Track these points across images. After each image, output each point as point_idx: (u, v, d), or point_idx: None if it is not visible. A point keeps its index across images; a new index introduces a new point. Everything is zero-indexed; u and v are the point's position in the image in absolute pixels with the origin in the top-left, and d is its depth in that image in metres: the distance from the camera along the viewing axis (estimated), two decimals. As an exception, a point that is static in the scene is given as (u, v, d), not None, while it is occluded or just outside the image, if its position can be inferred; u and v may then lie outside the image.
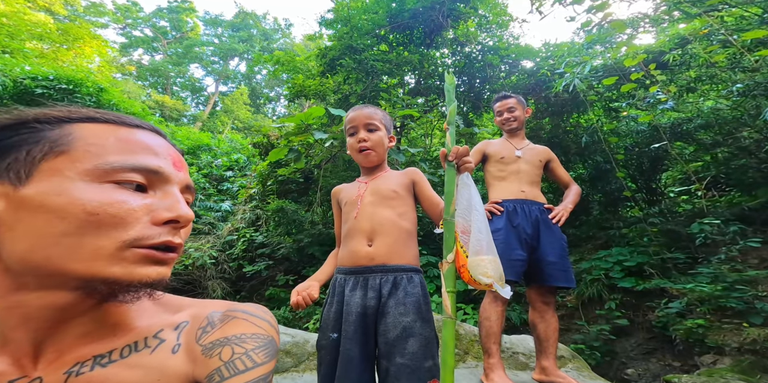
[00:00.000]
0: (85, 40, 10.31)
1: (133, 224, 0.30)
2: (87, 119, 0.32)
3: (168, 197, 0.33)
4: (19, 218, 0.28)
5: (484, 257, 0.71)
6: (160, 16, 20.96)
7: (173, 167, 0.34)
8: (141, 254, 0.30)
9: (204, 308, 0.38)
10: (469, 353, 1.93)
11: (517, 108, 1.72)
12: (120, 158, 0.30)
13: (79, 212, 0.28)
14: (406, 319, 0.82)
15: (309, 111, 2.52)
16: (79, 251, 0.28)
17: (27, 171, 0.29)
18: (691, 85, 2.99)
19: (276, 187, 3.73)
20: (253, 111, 19.29)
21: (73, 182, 0.29)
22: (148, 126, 0.36)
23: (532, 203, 1.60)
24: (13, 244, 0.28)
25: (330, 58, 3.98)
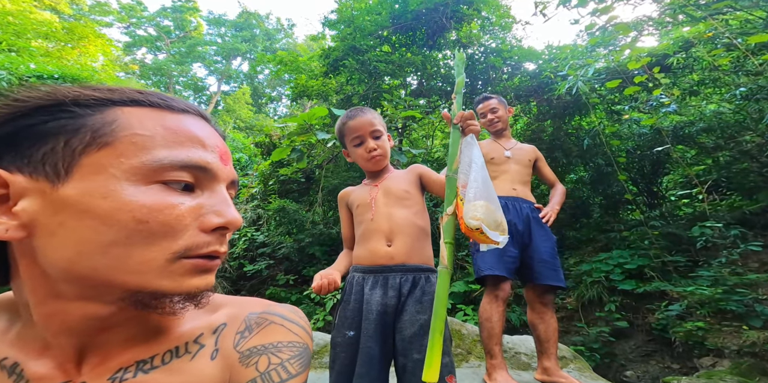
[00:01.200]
0: (90, 39, 10.36)
1: (183, 233, 0.28)
2: (131, 102, 0.29)
3: (215, 196, 0.31)
4: (60, 222, 0.26)
5: (475, 202, 0.72)
6: (164, 15, 21.04)
7: (221, 161, 0.32)
8: (190, 265, 0.29)
9: (241, 308, 0.38)
10: (472, 353, 1.94)
11: (499, 108, 1.70)
12: (168, 153, 0.28)
13: (128, 220, 0.26)
14: (423, 317, 0.85)
15: (312, 111, 2.54)
16: (128, 263, 0.26)
17: (66, 166, 0.26)
18: (694, 88, 2.99)
19: (277, 186, 3.74)
20: (254, 111, 19.34)
21: (119, 182, 0.26)
22: (194, 110, 0.33)
23: (523, 201, 1.61)
24: (55, 251, 0.26)
25: (333, 58, 4.00)
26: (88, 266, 0.26)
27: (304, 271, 3.86)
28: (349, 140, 1.03)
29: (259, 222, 4.07)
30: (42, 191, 0.26)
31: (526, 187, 1.66)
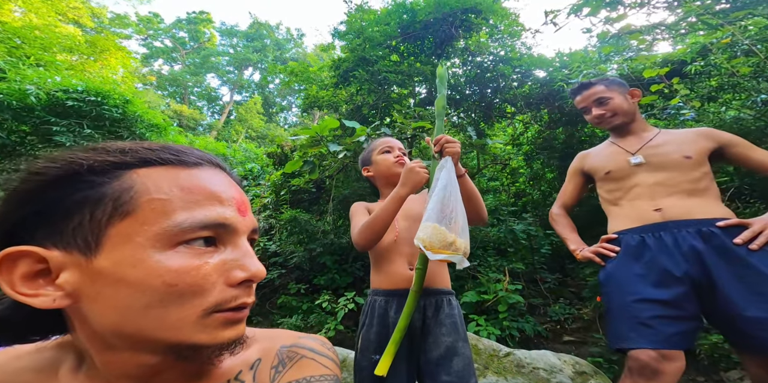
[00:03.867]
0: (111, 52, 10.79)
1: (211, 290, 0.30)
2: (144, 163, 0.30)
3: (237, 250, 0.32)
4: (98, 291, 0.28)
5: (425, 223, 0.76)
6: (179, 27, 21.84)
7: (239, 213, 0.33)
8: (222, 319, 0.31)
9: (272, 342, 0.40)
10: (489, 368, 1.89)
11: (610, 96, 1.17)
12: (188, 215, 0.29)
13: (159, 285, 0.28)
14: (449, 339, 0.87)
15: (324, 123, 2.57)
16: (166, 321, 0.28)
17: (96, 239, 0.28)
18: (713, 94, 2.90)
19: (289, 196, 3.79)
20: (265, 120, 19.73)
21: (145, 250, 0.28)
22: (207, 159, 0.34)
23: (683, 225, 0.98)
24: (100, 315, 0.28)
25: (343, 69, 4.06)
26: (132, 327, 0.28)
27: (315, 280, 3.87)
28: (378, 151, 1.09)
29: (271, 232, 4.11)
30: (78, 263, 0.28)
31: (690, 199, 1.02)
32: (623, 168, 1.14)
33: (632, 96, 1.21)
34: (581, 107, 1.25)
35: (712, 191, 1.06)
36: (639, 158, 1.12)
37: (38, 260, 0.28)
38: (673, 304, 0.94)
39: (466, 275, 3.40)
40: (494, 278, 3.18)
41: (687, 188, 1.04)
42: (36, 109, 3.73)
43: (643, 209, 1.06)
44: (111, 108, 3.98)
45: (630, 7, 2.39)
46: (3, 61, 4.32)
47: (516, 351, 1.93)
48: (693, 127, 3.18)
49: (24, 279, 0.28)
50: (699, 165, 1.06)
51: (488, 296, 3.08)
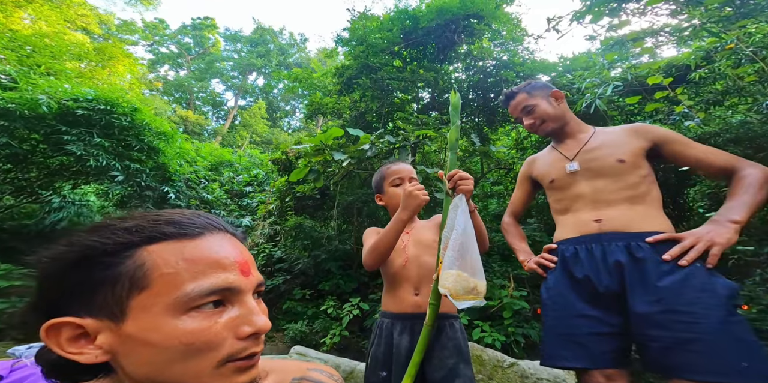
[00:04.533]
0: (119, 59, 10.98)
1: (222, 344, 0.34)
2: (150, 240, 0.35)
3: (244, 307, 0.37)
4: (130, 350, 0.33)
5: (451, 271, 0.78)
6: (185, 32, 22.15)
7: (242, 275, 0.37)
8: (234, 367, 0.35)
9: (284, 374, 0.44)
10: (494, 379, 1.89)
11: (534, 103, 1.13)
12: (194, 285, 0.34)
13: (178, 345, 0.33)
14: (451, 361, 0.90)
15: (329, 132, 2.60)
16: (187, 373, 0.34)
17: (120, 310, 0.33)
18: (718, 98, 2.89)
19: (293, 203, 3.82)
20: (269, 125, 19.90)
21: (162, 317, 0.33)
22: (210, 225, 0.38)
23: (616, 238, 0.94)
24: (134, 368, 0.34)
25: (347, 77, 4.10)
26: (161, 377, 0.34)
27: (320, 285, 3.89)
28: (389, 181, 1.11)
29: (277, 238, 4.14)
30: (110, 328, 0.34)
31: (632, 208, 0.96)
32: (563, 176, 1.08)
33: (555, 98, 1.14)
34: (514, 117, 1.21)
35: (653, 196, 0.99)
36: (574, 165, 1.06)
37: (77, 327, 0.33)
38: (604, 321, 0.90)
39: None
40: (499, 284, 3.18)
41: (626, 195, 0.98)
42: (47, 118, 3.81)
43: (583, 219, 1.01)
44: (120, 116, 4.05)
45: (632, 14, 2.39)
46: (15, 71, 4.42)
47: (520, 361, 1.93)
48: (698, 132, 3.17)
49: (69, 342, 0.33)
50: (635, 168, 0.99)
51: (493, 302, 3.07)
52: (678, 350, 0.79)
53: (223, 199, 5.66)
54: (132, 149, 4.14)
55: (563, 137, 1.15)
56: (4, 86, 3.95)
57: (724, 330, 0.77)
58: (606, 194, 1.00)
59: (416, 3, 4.93)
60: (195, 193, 5.17)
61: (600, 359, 0.88)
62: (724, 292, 0.81)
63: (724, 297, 0.81)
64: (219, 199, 5.55)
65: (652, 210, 0.98)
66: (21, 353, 0.68)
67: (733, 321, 0.78)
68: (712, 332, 0.77)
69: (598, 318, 0.91)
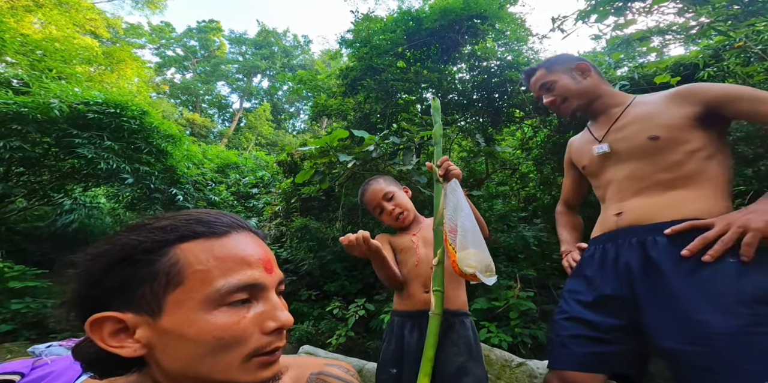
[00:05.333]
0: (127, 62, 11.12)
1: (249, 339, 0.37)
2: (183, 238, 0.37)
3: (268, 303, 0.39)
4: (166, 344, 0.36)
5: (469, 250, 0.78)
6: (190, 35, 22.43)
7: (266, 271, 0.40)
8: (259, 362, 0.38)
9: (302, 369, 0.47)
10: (501, 378, 1.89)
11: (554, 79, 0.98)
12: (225, 281, 0.36)
13: (210, 340, 0.35)
14: (461, 359, 0.90)
15: (334, 134, 2.62)
16: (217, 366, 0.36)
17: (157, 306, 0.36)
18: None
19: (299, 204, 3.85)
20: (274, 127, 20.03)
21: (196, 312, 0.35)
22: (234, 225, 0.41)
23: (629, 233, 0.81)
24: (169, 361, 0.36)
25: (351, 78, 4.12)
26: (192, 371, 0.36)
27: (326, 287, 3.91)
28: (371, 210, 1.14)
29: (282, 239, 4.18)
30: (148, 323, 0.36)
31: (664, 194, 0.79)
32: (593, 161, 0.93)
33: (581, 72, 0.96)
34: (536, 97, 1.08)
35: (708, 175, 0.77)
36: (603, 147, 0.90)
37: (118, 322, 0.36)
38: (599, 326, 0.80)
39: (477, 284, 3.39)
40: (505, 284, 3.16)
41: (664, 178, 0.79)
42: (59, 121, 3.89)
43: (608, 214, 0.88)
44: (129, 120, 4.12)
45: (638, 13, 2.37)
46: (27, 75, 4.52)
47: (529, 361, 1.92)
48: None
49: (111, 336, 0.36)
50: (676, 144, 0.79)
51: (499, 303, 3.06)
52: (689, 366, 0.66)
53: (229, 201, 5.73)
54: (141, 151, 4.20)
55: (596, 114, 0.97)
56: (16, 90, 4.04)
57: (744, 343, 0.62)
58: (637, 180, 0.83)
59: (419, 4, 4.95)
60: (202, 195, 5.23)
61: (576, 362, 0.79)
62: (751, 294, 0.64)
63: (751, 300, 0.64)
64: (226, 201, 5.62)
65: (700, 193, 0.76)
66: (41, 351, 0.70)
67: (757, 332, 0.62)
68: (728, 345, 0.63)
69: (592, 323, 0.81)
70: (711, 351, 0.64)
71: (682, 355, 0.67)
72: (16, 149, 3.61)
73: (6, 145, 3.52)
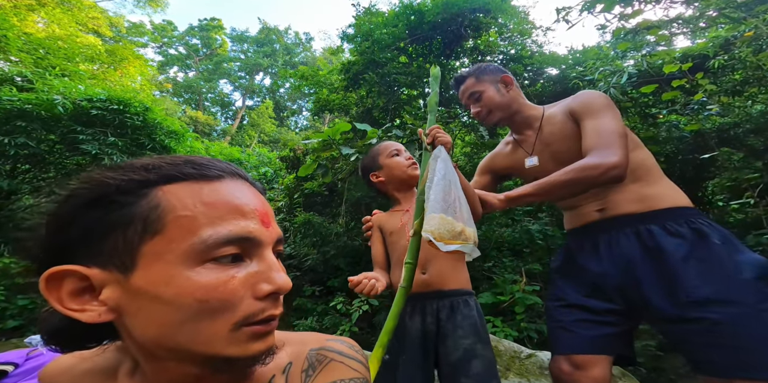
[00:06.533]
0: (130, 60, 11.17)
1: (239, 304, 0.31)
2: (167, 179, 0.31)
3: (263, 262, 0.33)
4: (138, 307, 0.29)
5: (431, 214, 0.74)
6: (192, 34, 22.43)
7: (262, 225, 0.34)
8: (250, 332, 0.32)
9: (302, 345, 0.41)
10: (511, 369, 1.87)
11: (481, 90, 1.02)
12: (212, 231, 0.30)
13: (192, 302, 0.29)
14: (467, 341, 0.86)
15: (336, 127, 2.60)
16: (199, 336, 0.30)
17: (130, 258, 0.29)
18: (737, 88, 2.80)
19: (302, 200, 3.84)
20: (277, 124, 20.05)
21: (175, 267, 0.29)
22: (230, 171, 0.35)
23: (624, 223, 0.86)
24: (141, 329, 0.30)
25: (353, 73, 4.09)
26: (170, 341, 0.30)
27: (329, 282, 3.91)
28: (386, 154, 1.06)
29: (286, 235, 4.18)
30: (117, 280, 0.30)
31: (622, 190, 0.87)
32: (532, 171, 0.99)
33: (505, 84, 1.02)
34: (464, 104, 1.10)
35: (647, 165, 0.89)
36: (533, 160, 0.98)
37: (82, 278, 0.29)
38: (598, 311, 0.86)
39: (481, 276, 3.37)
40: (510, 279, 3.14)
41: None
42: (63, 118, 3.90)
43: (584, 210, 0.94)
44: (132, 116, 4.13)
45: (646, 3, 2.32)
46: (30, 72, 4.54)
47: (538, 352, 1.90)
48: (717, 123, 3.07)
49: (71, 296, 0.30)
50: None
51: (504, 297, 3.04)
52: (701, 345, 0.71)
53: (232, 197, 5.70)
54: (144, 148, 4.21)
55: (518, 126, 1.04)
56: (20, 87, 4.06)
57: (754, 319, 0.68)
58: None
59: (422, -3, 4.89)
60: (205, 191, 5.23)
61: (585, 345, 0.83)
62: (751, 273, 0.71)
63: (753, 278, 0.70)
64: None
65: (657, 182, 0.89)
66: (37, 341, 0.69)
67: (764, 308, 0.68)
68: (738, 323, 0.68)
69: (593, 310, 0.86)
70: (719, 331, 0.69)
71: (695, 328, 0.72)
72: (21, 146, 3.63)
73: (11, 141, 3.53)
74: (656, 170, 0.91)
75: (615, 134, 0.82)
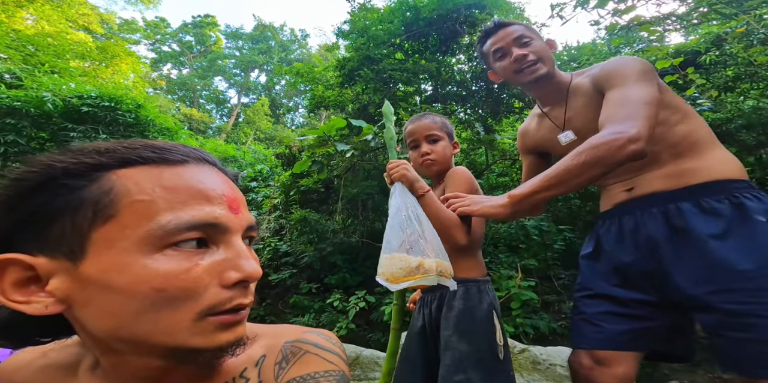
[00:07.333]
0: (121, 58, 11.01)
1: (203, 293, 0.29)
2: (123, 163, 0.29)
3: (231, 250, 0.31)
4: (89, 297, 0.28)
5: (384, 255, 0.73)
6: (186, 31, 22.14)
7: (230, 210, 0.32)
8: (217, 322, 0.30)
9: (277, 338, 0.39)
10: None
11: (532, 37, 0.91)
12: (172, 216, 0.28)
13: (148, 291, 0.27)
14: (446, 333, 0.86)
15: (331, 123, 2.59)
16: (159, 326, 0.28)
17: (79, 245, 0.27)
18: (729, 84, 2.82)
19: (298, 197, 3.83)
20: (273, 121, 19.92)
21: (130, 254, 0.27)
22: (195, 156, 0.33)
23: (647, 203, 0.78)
24: (94, 321, 0.28)
25: (348, 69, 4.07)
26: (126, 332, 0.28)
27: (326, 279, 3.91)
28: (407, 144, 1.03)
29: (282, 232, 4.17)
30: (66, 269, 0.28)
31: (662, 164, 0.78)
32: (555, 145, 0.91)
33: (549, 45, 0.94)
34: (495, 49, 0.92)
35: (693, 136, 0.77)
36: (569, 135, 0.88)
37: (26, 268, 0.28)
38: (626, 302, 0.78)
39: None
40: (506, 275, 3.16)
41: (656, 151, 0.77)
42: (53, 116, 3.85)
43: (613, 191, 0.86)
44: (124, 113, 4.08)
45: (640, -2, 2.33)
46: (19, 69, 4.46)
47: (531, 347, 1.93)
48: (710, 118, 3.09)
49: (15, 287, 0.27)
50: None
51: (500, 293, 3.06)
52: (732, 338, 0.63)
53: (228, 194, 5.67)
54: (135, 145, 4.17)
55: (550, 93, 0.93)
56: (9, 85, 3.99)
57: None
58: None
59: (417, -7, 4.86)
60: (200, 189, 5.20)
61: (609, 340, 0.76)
62: None
63: None
64: (224, 195, 5.56)
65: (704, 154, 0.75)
66: None
67: None
68: None
69: (620, 300, 0.78)
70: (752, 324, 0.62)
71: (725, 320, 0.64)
72: (11, 144, 3.57)
73: (1, 139, 3.48)
74: (705, 142, 0.77)
75: (639, 104, 0.69)
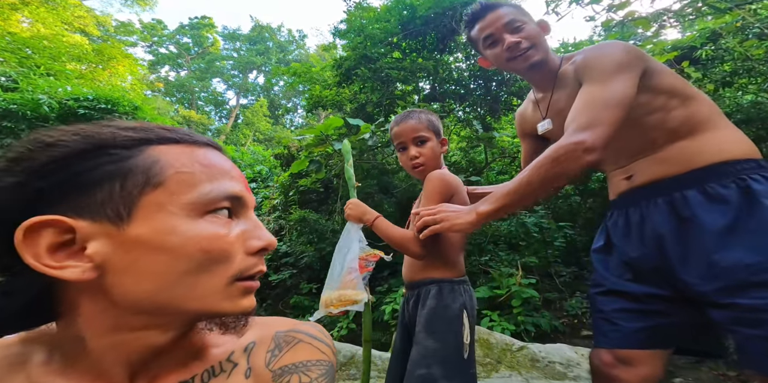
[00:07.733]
0: (119, 60, 10.98)
1: (234, 258, 0.32)
2: (165, 140, 0.32)
3: (250, 221, 0.35)
4: (134, 260, 0.28)
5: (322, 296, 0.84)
6: (183, 32, 22.10)
7: (246, 189, 0.36)
8: (243, 287, 0.33)
9: (268, 327, 0.40)
10: (502, 362, 1.89)
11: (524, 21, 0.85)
12: (211, 186, 0.31)
13: (196, 252, 0.29)
14: (417, 329, 0.87)
15: (328, 122, 2.59)
16: (197, 289, 0.30)
17: (128, 209, 0.28)
18: (727, 79, 2.82)
19: (297, 197, 3.82)
20: (272, 122, 19.90)
21: (179, 218, 0.29)
22: (212, 143, 0.36)
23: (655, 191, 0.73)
24: (133, 286, 0.28)
25: (345, 68, 4.07)
26: (166, 297, 0.29)
27: (326, 279, 3.91)
28: (395, 145, 1.02)
29: (282, 233, 4.16)
30: (108, 233, 0.28)
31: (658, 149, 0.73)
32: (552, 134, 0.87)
33: (543, 29, 0.87)
34: (486, 35, 0.85)
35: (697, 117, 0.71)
36: (546, 124, 0.84)
37: (64, 231, 0.27)
38: (641, 298, 0.74)
39: (477, 270, 3.39)
40: (507, 272, 3.16)
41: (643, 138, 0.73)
42: (50, 118, 3.83)
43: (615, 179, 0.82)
44: (121, 115, 4.07)
45: (635, -7, 2.32)
46: (15, 72, 4.45)
47: (530, 345, 1.93)
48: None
49: (49, 251, 0.27)
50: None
51: (501, 291, 3.05)
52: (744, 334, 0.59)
53: (227, 196, 5.66)
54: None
55: (541, 81, 0.88)
56: (5, 87, 3.98)
57: None
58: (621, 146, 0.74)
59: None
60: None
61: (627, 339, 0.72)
62: None
63: None
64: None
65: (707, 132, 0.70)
66: None
67: None
68: None
69: (633, 295, 0.74)
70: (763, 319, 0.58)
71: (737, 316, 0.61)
72: (8, 147, 3.56)
73: (-3, 142, 3.47)
74: (708, 122, 0.71)
75: (605, 107, 0.65)
